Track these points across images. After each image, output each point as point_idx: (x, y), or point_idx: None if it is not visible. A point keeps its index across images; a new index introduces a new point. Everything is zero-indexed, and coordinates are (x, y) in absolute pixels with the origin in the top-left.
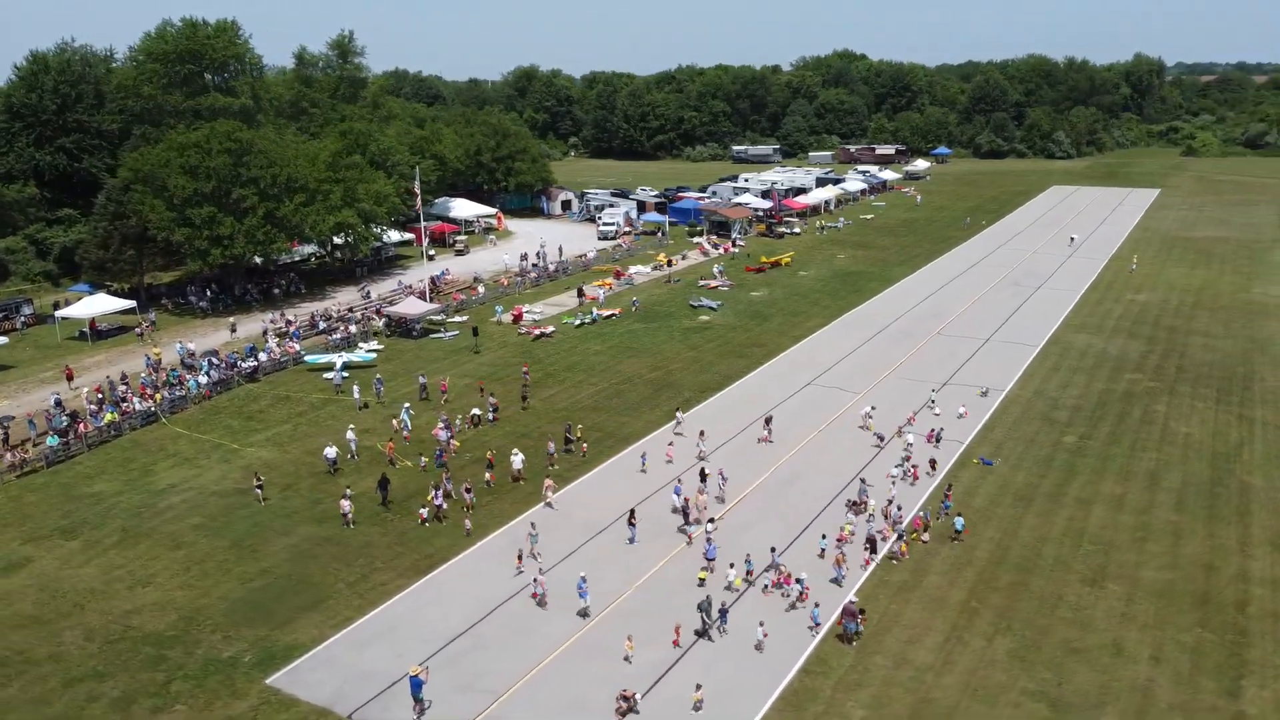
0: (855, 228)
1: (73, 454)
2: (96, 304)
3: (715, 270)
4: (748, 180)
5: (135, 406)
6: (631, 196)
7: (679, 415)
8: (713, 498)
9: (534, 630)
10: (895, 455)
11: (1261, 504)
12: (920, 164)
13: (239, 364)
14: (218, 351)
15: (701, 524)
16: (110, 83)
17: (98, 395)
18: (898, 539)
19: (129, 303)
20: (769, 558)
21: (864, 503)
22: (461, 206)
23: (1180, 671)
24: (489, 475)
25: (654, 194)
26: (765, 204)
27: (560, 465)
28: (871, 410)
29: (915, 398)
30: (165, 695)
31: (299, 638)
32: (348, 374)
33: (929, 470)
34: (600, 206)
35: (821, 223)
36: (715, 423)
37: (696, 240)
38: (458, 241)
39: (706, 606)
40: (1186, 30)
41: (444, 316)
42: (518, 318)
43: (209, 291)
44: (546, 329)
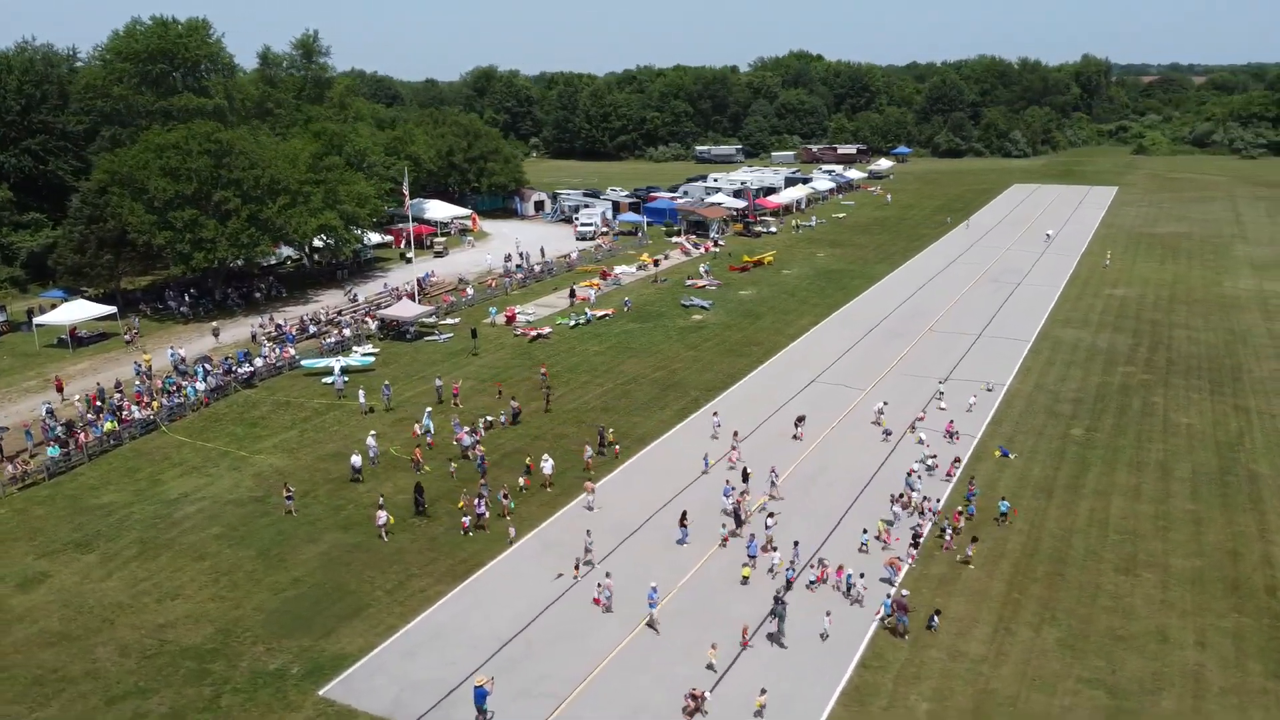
0: (829, 226)
1: (73, 465)
2: (76, 310)
3: (701, 270)
4: (717, 180)
5: (135, 415)
6: (604, 197)
7: (716, 418)
8: (765, 495)
9: (585, 634)
10: (916, 451)
11: (1272, 491)
12: (883, 163)
13: (235, 370)
14: (210, 358)
15: (747, 524)
16: (76, 83)
17: (95, 404)
18: (945, 532)
19: (109, 309)
20: (799, 553)
21: (908, 496)
22: (436, 208)
23: (1225, 656)
24: (523, 480)
25: (625, 194)
26: (739, 203)
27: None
28: (884, 406)
29: (918, 393)
30: (216, 710)
31: (345, 647)
32: (348, 378)
33: (954, 463)
34: (576, 207)
35: (797, 222)
36: (732, 422)
37: (676, 240)
38: (436, 243)
39: (783, 611)
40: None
41: (435, 319)
42: (511, 319)
43: (187, 296)
44: (543, 330)
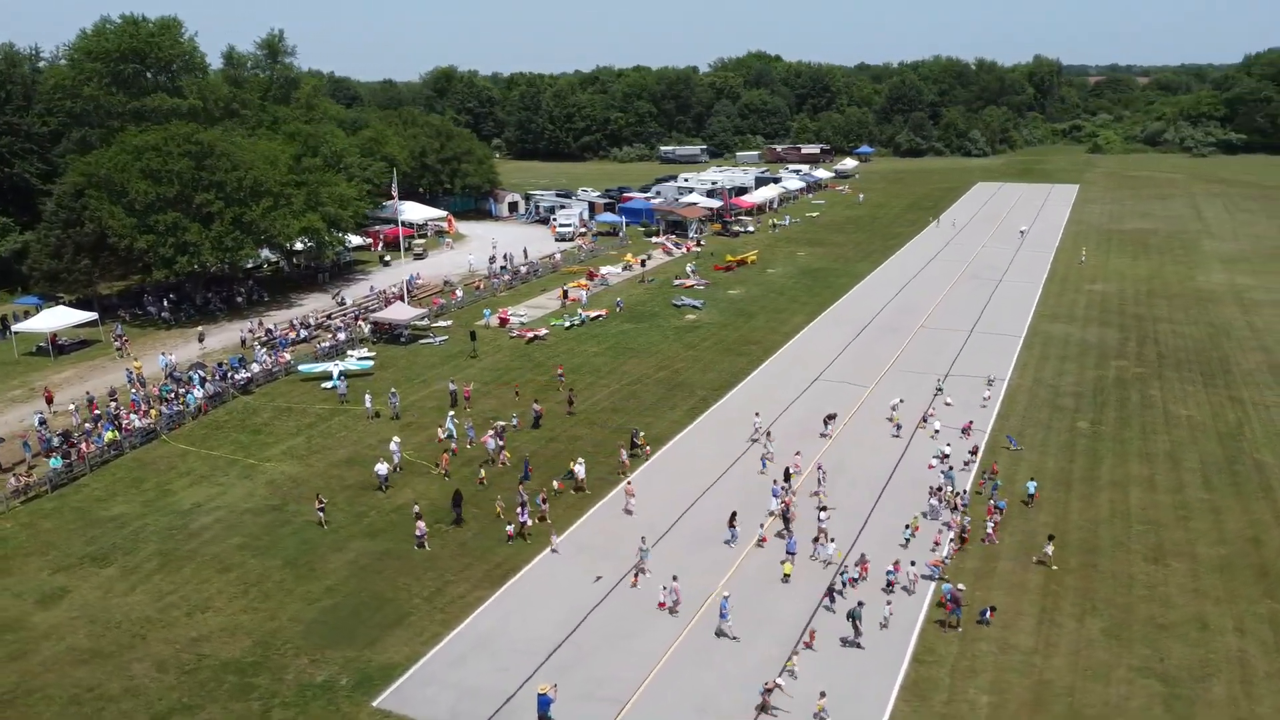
0: (805, 226)
1: (76, 476)
2: (57, 317)
3: (689, 269)
4: (689, 180)
5: (135, 424)
6: (576, 198)
7: (757, 420)
8: (810, 494)
9: (636, 635)
10: (932, 446)
11: None
12: (849, 163)
13: (231, 376)
14: (204, 364)
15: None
16: (44, 83)
17: (94, 413)
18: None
19: (91, 315)
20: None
21: (946, 489)
22: (411, 209)
23: (1265, 642)
24: (558, 484)
25: (597, 195)
26: (714, 203)
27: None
28: (900, 402)
29: (921, 389)
30: None
31: (391, 657)
32: (347, 382)
33: (970, 455)
34: (552, 208)
35: (773, 221)
36: (742, 422)
37: (657, 240)
38: (415, 245)
39: (859, 613)
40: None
41: (428, 321)
42: (504, 321)
43: (166, 301)
44: (540, 332)
